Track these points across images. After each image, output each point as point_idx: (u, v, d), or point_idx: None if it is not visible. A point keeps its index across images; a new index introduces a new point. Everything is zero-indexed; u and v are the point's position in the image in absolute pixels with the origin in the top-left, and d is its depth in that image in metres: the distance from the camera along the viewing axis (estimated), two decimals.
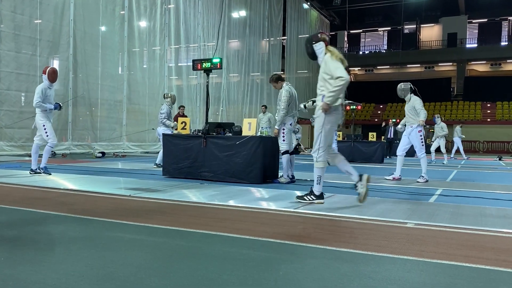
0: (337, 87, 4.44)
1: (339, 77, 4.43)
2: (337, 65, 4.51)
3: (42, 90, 7.07)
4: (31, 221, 3.63)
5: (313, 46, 4.73)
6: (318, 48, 4.72)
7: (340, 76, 4.42)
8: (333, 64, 4.52)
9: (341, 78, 4.42)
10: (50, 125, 7.18)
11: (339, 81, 4.42)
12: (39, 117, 7.13)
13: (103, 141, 15.25)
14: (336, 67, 4.49)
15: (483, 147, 31.07)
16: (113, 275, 2.27)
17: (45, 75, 7.16)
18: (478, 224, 3.84)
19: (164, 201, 4.82)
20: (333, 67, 4.50)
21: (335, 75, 4.46)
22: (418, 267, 2.53)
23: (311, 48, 4.75)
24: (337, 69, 4.48)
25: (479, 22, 38.28)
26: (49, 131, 7.12)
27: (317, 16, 34.24)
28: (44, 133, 7.10)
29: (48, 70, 7.19)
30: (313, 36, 4.81)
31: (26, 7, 12.81)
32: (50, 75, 7.16)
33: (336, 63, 4.54)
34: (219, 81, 21.93)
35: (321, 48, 4.71)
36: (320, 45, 4.71)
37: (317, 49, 4.73)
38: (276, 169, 7.30)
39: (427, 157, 8.12)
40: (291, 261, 2.60)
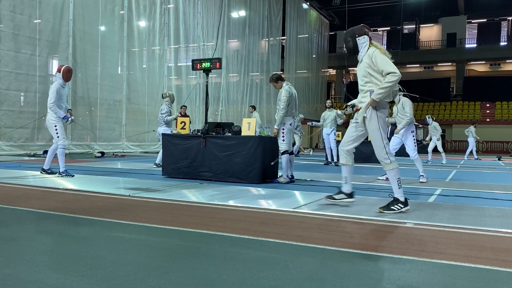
0: (389, 82, 4.19)
1: (391, 73, 4.19)
2: (387, 60, 4.29)
3: (57, 89, 6.90)
4: (30, 221, 3.62)
5: (357, 39, 4.46)
6: (361, 42, 4.46)
7: (393, 71, 4.19)
8: (382, 59, 4.28)
9: (394, 73, 4.18)
10: (61, 125, 7.01)
11: (391, 77, 4.18)
12: (51, 117, 6.95)
13: (103, 141, 15.25)
14: (387, 62, 4.26)
15: (482, 147, 31.08)
16: (112, 274, 2.27)
17: (59, 74, 6.96)
18: (477, 224, 3.84)
19: (163, 201, 4.82)
20: (383, 62, 4.26)
21: (386, 70, 4.21)
22: (417, 267, 2.54)
23: (354, 42, 4.47)
24: (387, 63, 4.26)
25: (478, 22, 38.32)
26: (60, 132, 6.94)
27: (316, 16, 34.26)
28: (55, 133, 6.93)
29: (63, 69, 6.98)
30: (356, 29, 4.51)
31: (26, 7, 12.81)
32: (65, 74, 6.96)
33: (386, 58, 4.30)
34: (219, 81, 21.93)
35: (365, 42, 4.46)
36: (364, 39, 4.46)
37: (360, 43, 4.46)
38: (275, 169, 7.29)
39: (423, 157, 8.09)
40: (290, 261, 2.60)
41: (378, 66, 4.27)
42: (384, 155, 4.41)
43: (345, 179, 4.70)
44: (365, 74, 4.40)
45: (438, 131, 15.09)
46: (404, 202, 4.36)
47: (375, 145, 4.46)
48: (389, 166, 4.40)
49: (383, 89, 4.22)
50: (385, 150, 4.40)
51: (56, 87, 6.92)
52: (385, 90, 4.22)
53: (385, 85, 4.21)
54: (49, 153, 7.26)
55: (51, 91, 6.92)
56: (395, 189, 4.37)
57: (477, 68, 38.49)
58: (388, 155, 4.41)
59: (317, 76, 35.18)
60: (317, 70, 35.10)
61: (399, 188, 4.36)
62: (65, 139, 7.05)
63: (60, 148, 6.98)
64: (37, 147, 13.14)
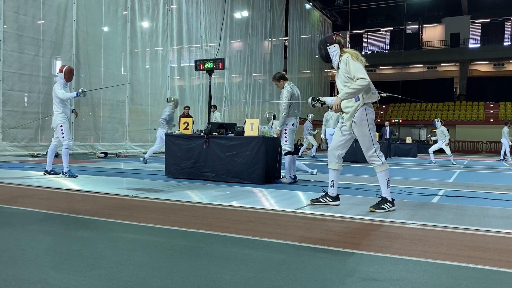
0: (358, 86, 4.31)
1: (361, 78, 4.32)
2: (358, 65, 4.41)
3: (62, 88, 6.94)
4: (33, 221, 3.63)
5: (328, 48, 4.61)
6: (332, 50, 4.60)
7: (363, 77, 4.32)
8: (353, 64, 4.41)
9: (363, 79, 4.32)
10: (67, 126, 7.00)
11: (361, 81, 4.31)
12: (58, 118, 6.94)
13: (106, 141, 15.29)
14: (357, 68, 4.39)
15: (485, 148, 31.00)
16: (115, 275, 2.27)
17: (61, 74, 6.98)
18: (481, 224, 3.83)
19: (166, 201, 4.82)
20: (355, 68, 4.39)
21: (357, 76, 4.35)
22: (421, 268, 2.53)
23: (325, 50, 4.63)
24: (358, 69, 4.38)
25: (482, 22, 38.20)
26: (66, 132, 6.94)
27: (319, 16, 34.25)
28: (61, 133, 6.93)
29: (65, 69, 6.99)
30: (328, 38, 4.67)
31: (29, 8, 12.86)
32: (67, 74, 6.97)
33: (358, 64, 4.42)
34: (221, 81, 21.94)
35: (335, 50, 4.59)
36: (335, 48, 4.59)
37: (331, 52, 4.61)
38: (278, 169, 7.29)
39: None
40: (293, 262, 2.59)
41: (350, 71, 4.41)
42: (375, 157, 4.51)
43: (332, 182, 4.76)
44: (346, 80, 4.50)
45: (445, 136, 14.75)
46: (391, 202, 4.49)
47: (365, 148, 4.54)
48: (381, 168, 4.50)
49: (352, 90, 4.34)
50: (376, 152, 4.50)
51: (61, 86, 6.93)
52: (352, 92, 4.35)
53: (354, 87, 4.33)
54: (48, 154, 7.27)
55: (57, 88, 6.89)
56: (384, 189, 4.49)
57: (481, 68, 38.37)
58: (379, 157, 4.51)
59: (320, 76, 35.15)
60: (320, 70, 35.06)
61: (388, 189, 4.49)
62: (70, 140, 7.05)
63: (64, 149, 6.98)
64: (40, 147, 13.17)
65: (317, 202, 4.77)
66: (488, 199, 5.54)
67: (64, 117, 6.97)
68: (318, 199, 4.79)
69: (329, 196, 4.76)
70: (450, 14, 37.39)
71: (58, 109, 6.96)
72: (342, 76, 4.54)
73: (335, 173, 4.76)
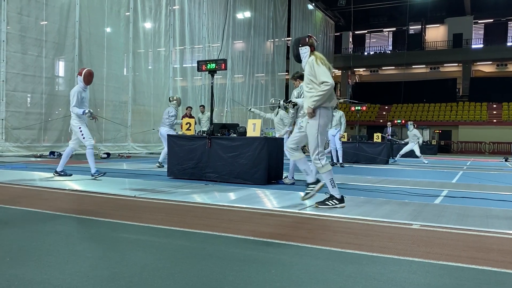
0: (322, 91, 4.46)
1: (324, 82, 4.46)
2: (322, 70, 4.53)
3: (77, 93, 6.79)
4: (36, 221, 3.64)
5: (299, 49, 4.75)
6: (303, 52, 4.73)
7: (326, 81, 4.45)
8: (318, 69, 4.53)
9: (326, 83, 4.45)
10: (85, 127, 6.92)
11: (324, 86, 4.45)
12: (75, 121, 6.86)
13: (108, 142, 15.32)
14: (321, 71, 4.51)
15: (489, 148, 30.92)
16: (118, 275, 2.28)
17: (80, 77, 6.82)
18: (484, 225, 3.82)
19: (169, 202, 4.83)
20: (318, 71, 4.52)
21: (320, 79, 4.49)
22: (423, 269, 2.52)
23: (297, 51, 4.77)
24: (322, 73, 4.51)
25: (484, 23, 38.12)
26: (85, 133, 6.86)
27: (322, 17, 34.25)
28: (81, 135, 6.85)
29: (85, 72, 6.84)
30: (301, 38, 4.80)
31: (32, 9, 12.90)
32: (86, 77, 6.82)
33: (322, 67, 4.54)
34: (224, 82, 21.96)
35: (306, 52, 4.71)
36: (305, 49, 4.72)
37: (302, 53, 4.74)
38: (280, 170, 7.29)
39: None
40: (295, 262, 2.59)
41: (315, 74, 4.55)
42: (317, 159, 4.65)
43: (305, 171, 4.87)
44: (308, 82, 4.64)
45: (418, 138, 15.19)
46: (340, 199, 4.64)
47: (311, 149, 4.69)
48: (322, 170, 4.65)
49: (317, 97, 4.49)
50: (318, 155, 4.64)
51: (77, 91, 6.79)
52: (319, 98, 4.48)
53: (319, 93, 4.47)
54: (63, 155, 7.14)
55: (72, 95, 6.79)
56: (330, 188, 4.65)
57: (484, 68, 38.28)
58: (320, 160, 4.64)
59: None
60: None
61: (333, 187, 4.64)
62: (91, 139, 6.92)
63: (88, 149, 6.86)
64: (43, 148, 13.21)
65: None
66: (491, 200, 5.52)
67: (80, 119, 6.86)
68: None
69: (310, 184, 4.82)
70: (453, 14, 37.32)
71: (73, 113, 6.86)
72: (306, 77, 4.69)
73: (301, 162, 4.87)
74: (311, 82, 4.61)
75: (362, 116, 32.78)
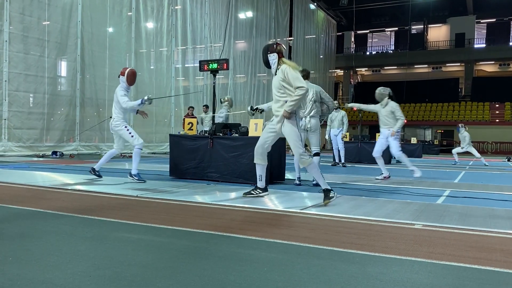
0: (297, 96, 4.74)
1: (299, 87, 4.73)
2: (296, 75, 4.81)
3: (124, 91, 6.57)
4: (38, 221, 3.65)
5: (268, 56, 5.02)
6: (272, 58, 5.01)
7: (301, 86, 4.73)
8: (292, 75, 4.80)
9: (301, 88, 4.73)
10: (130, 126, 6.68)
11: (299, 91, 4.73)
12: (118, 122, 6.57)
13: (111, 141, 15.31)
14: (295, 77, 4.79)
15: (491, 148, 30.85)
16: (120, 275, 2.28)
17: (123, 77, 6.56)
18: (487, 225, 3.81)
19: (171, 202, 4.83)
20: (292, 77, 4.79)
21: (295, 85, 4.76)
22: (426, 269, 2.51)
23: (266, 57, 5.05)
24: (296, 79, 4.78)
25: (487, 22, 38.04)
26: (133, 132, 6.60)
27: (323, 17, 34.22)
28: (129, 135, 6.56)
29: (128, 72, 6.57)
30: (270, 46, 5.07)
31: (35, 9, 12.94)
32: (129, 77, 6.56)
33: (296, 73, 4.83)
34: (226, 82, 21.97)
35: (274, 59, 5.00)
36: (273, 56, 5.00)
37: (270, 59, 5.02)
38: (282, 170, 7.28)
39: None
40: (298, 262, 2.59)
41: (290, 80, 4.82)
42: (303, 153, 4.86)
43: (260, 177, 5.24)
44: (280, 87, 4.93)
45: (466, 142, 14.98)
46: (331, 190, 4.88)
47: (294, 147, 4.92)
48: (307, 162, 4.85)
49: (294, 101, 4.79)
50: (302, 149, 4.90)
51: (122, 90, 6.57)
52: (295, 103, 4.80)
53: (295, 98, 4.78)
54: (104, 156, 6.96)
55: (119, 94, 6.51)
56: (322, 182, 4.90)
57: (486, 68, 38.19)
58: (306, 153, 4.90)
59: (324, 76, 35.12)
60: (324, 70, 35.04)
61: (324, 180, 4.93)
62: (140, 138, 6.66)
63: (137, 149, 6.61)
64: (45, 147, 13.24)
65: (249, 194, 5.23)
66: (494, 200, 5.51)
67: (124, 120, 6.63)
68: (250, 192, 5.26)
69: (259, 189, 5.27)
70: (455, 14, 37.26)
71: (119, 114, 6.58)
72: (277, 83, 4.95)
73: (262, 167, 5.24)
74: (283, 87, 4.90)
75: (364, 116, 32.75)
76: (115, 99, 6.65)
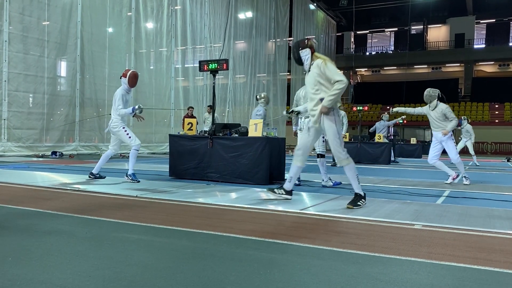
0: (337, 90, 4.52)
1: (338, 81, 4.52)
2: (334, 69, 4.63)
3: (122, 95, 6.54)
4: (38, 221, 3.64)
5: (300, 52, 4.82)
6: (304, 54, 4.81)
7: (340, 79, 4.52)
8: (330, 68, 4.61)
9: (341, 81, 4.51)
10: (128, 128, 6.69)
11: (338, 85, 4.52)
12: (117, 123, 6.59)
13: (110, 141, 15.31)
14: (333, 71, 4.60)
15: (491, 148, 30.85)
16: (120, 275, 2.28)
17: (125, 79, 6.57)
18: (487, 226, 3.81)
19: (170, 202, 4.83)
20: (330, 71, 4.59)
21: (334, 78, 4.55)
22: (425, 269, 2.51)
23: (298, 54, 4.84)
24: (335, 72, 4.59)
25: (487, 23, 38.04)
26: (131, 134, 6.62)
27: (323, 17, 34.21)
28: (127, 136, 6.59)
29: (129, 74, 6.58)
30: (300, 41, 4.88)
31: (34, 9, 12.93)
32: (131, 79, 6.57)
33: (333, 67, 4.63)
34: (226, 82, 21.96)
35: (307, 54, 4.80)
36: (306, 52, 4.80)
37: (303, 55, 4.82)
38: (282, 170, 7.28)
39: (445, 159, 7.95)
40: (297, 262, 2.59)
41: (327, 75, 4.60)
42: (341, 152, 4.70)
43: (290, 178, 5.08)
44: (315, 83, 4.71)
45: (470, 134, 14.83)
46: (364, 197, 4.70)
47: (333, 145, 4.74)
48: (345, 162, 4.70)
49: (333, 96, 4.56)
50: (342, 148, 4.71)
51: (121, 93, 6.57)
52: (334, 97, 4.57)
53: (334, 92, 4.54)
54: (101, 158, 6.93)
55: (117, 98, 6.54)
56: (356, 185, 4.70)
57: (486, 68, 38.20)
58: (345, 152, 4.73)
59: None
60: None
61: (359, 184, 4.72)
62: (137, 139, 6.67)
63: (134, 150, 6.63)
64: (45, 148, 13.24)
65: (271, 192, 5.11)
66: (493, 200, 5.51)
67: (122, 121, 6.64)
68: (273, 190, 5.12)
69: (284, 190, 5.07)
70: (455, 14, 37.26)
71: (118, 116, 6.60)
72: (312, 79, 4.74)
73: (298, 169, 5.09)
74: (318, 83, 4.67)
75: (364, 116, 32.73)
76: (113, 100, 6.67)
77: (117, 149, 6.97)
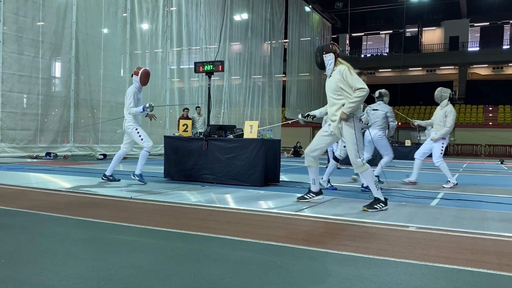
0: (358, 97, 4.53)
1: (360, 88, 4.54)
2: (356, 76, 4.65)
3: (134, 93, 6.49)
4: (31, 223, 3.62)
5: (323, 56, 4.81)
6: (328, 59, 4.80)
7: (362, 87, 4.54)
8: (352, 77, 4.62)
9: (362, 89, 4.53)
10: (141, 128, 6.60)
11: (360, 92, 4.53)
12: (130, 122, 6.52)
13: (105, 143, 15.26)
14: (355, 78, 4.61)
15: (485, 151, 31.01)
16: (114, 277, 2.27)
17: (136, 77, 6.54)
18: (480, 228, 3.83)
19: (165, 204, 4.82)
20: (352, 79, 4.61)
21: (355, 86, 4.56)
22: (420, 271, 2.52)
23: (321, 58, 4.83)
24: (357, 80, 4.60)
25: (481, 26, 38.25)
26: (143, 135, 6.54)
27: (318, 19, 34.27)
28: (139, 137, 6.52)
29: (142, 72, 6.55)
30: (324, 46, 4.88)
31: (29, 9, 12.86)
32: (143, 77, 6.55)
33: (355, 75, 4.65)
34: (221, 83, 21.94)
35: (331, 59, 4.79)
36: (330, 56, 4.79)
37: (326, 60, 4.81)
38: (277, 172, 7.28)
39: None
40: (292, 264, 2.59)
41: (349, 82, 4.62)
42: (358, 159, 4.70)
43: (313, 180, 5.14)
44: (337, 89, 4.73)
45: None
46: (384, 202, 4.67)
47: (350, 151, 4.75)
48: (362, 168, 4.73)
49: (353, 103, 4.57)
50: (359, 155, 4.71)
51: (133, 91, 6.51)
52: (355, 105, 4.58)
53: (354, 99, 4.56)
54: (114, 159, 6.80)
55: (128, 96, 6.50)
56: (374, 190, 4.69)
57: (480, 71, 38.42)
58: (362, 159, 4.74)
59: (319, 79, 35.09)
60: (319, 73, 34.87)
61: (378, 189, 4.69)
62: (150, 141, 6.60)
63: (145, 151, 6.58)
64: (39, 149, 13.16)
65: (302, 199, 5.17)
66: (487, 203, 5.54)
67: (135, 120, 6.58)
68: (304, 196, 5.19)
69: (313, 192, 5.19)
70: (449, 17, 37.46)
71: (129, 114, 6.53)
72: (334, 85, 4.76)
73: (314, 170, 5.11)
74: (340, 89, 4.69)
75: None
76: (125, 99, 6.59)
77: (129, 149, 6.86)
